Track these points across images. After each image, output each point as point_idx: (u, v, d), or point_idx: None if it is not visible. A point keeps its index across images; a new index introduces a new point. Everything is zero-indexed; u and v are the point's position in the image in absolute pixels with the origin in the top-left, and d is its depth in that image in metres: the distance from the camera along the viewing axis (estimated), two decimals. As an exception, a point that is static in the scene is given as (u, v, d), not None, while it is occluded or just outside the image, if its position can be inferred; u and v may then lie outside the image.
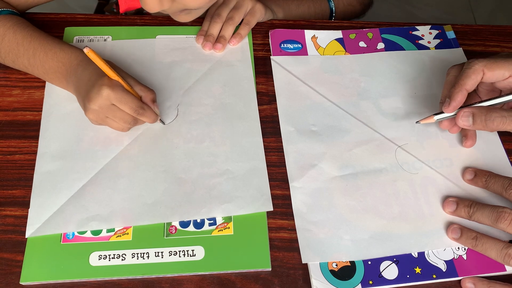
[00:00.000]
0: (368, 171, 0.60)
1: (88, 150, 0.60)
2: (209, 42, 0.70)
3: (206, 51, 0.70)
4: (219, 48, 0.70)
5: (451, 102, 0.56)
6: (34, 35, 0.63)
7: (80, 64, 0.61)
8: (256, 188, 0.58)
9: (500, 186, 0.56)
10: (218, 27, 0.70)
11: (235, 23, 0.70)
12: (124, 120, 0.59)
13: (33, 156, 0.60)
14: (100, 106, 0.57)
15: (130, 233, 0.55)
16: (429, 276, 0.53)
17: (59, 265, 0.53)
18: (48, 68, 0.63)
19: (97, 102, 0.56)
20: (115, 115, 0.58)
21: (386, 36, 0.73)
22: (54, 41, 0.63)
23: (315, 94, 0.66)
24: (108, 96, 0.56)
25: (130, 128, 0.61)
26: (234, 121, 0.64)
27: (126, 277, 0.53)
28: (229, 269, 0.53)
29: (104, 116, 0.58)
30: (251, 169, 0.60)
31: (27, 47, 0.63)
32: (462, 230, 0.55)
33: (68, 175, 0.58)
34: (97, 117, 0.58)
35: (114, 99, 0.56)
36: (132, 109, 0.58)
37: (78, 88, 0.60)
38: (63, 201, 0.56)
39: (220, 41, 0.70)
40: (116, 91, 0.56)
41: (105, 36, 0.71)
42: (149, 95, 0.60)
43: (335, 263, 0.53)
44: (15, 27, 0.64)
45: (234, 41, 0.70)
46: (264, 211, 0.57)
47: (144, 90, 0.60)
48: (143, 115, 0.59)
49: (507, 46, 0.73)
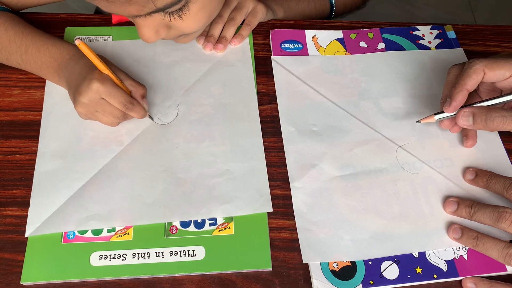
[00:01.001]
0: (369, 171, 0.60)
1: (88, 149, 0.60)
2: (210, 43, 0.69)
3: (207, 51, 0.70)
4: (220, 49, 0.70)
5: (452, 102, 0.56)
6: (25, 32, 0.63)
7: (72, 59, 0.61)
8: (255, 189, 0.58)
9: (501, 186, 0.56)
10: (219, 28, 0.70)
11: (236, 24, 0.70)
12: (113, 114, 0.59)
13: (33, 156, 0.60)
14: (89, 100, 0.57)
15: (131, 233, 0.55)
16: (430, 276, 0.53)
17: (60, 265, 0.53)
18: (41, 63, 0.63)
19: (86, 96, 0.57)
20: (105, 109, 0.58)
21: (386, 36, 0.73)
22: (46, 37, 0.63)
23: (315, 94, 0.66)
24: (98, 90, 0.56)
25: (119, 123, 0.61)
26: (234, 121, 0.64)
27: (127, 277, 0.53)
28: (230, 269, 0.53)
29: (93, 109, 0.58)
30: (250, 169, 0.60)
31: (19, 44, 0.63)
32: (463, 230, 0.55)
33: (68, 174, 0.58)
34: (86, 110, 0.58)
35: (103, 93, 0.57)
36: (121, 103, 0.58)
37: (69, 82, 0.61)
38: (63, 201, 0.56)
39: (222, 41, 0.70)
40: (106, 85, 0.57)
41: (105, 36, 0.71)
42: (139, 90, 0.60)
43: (336, 263, 0.53)
44: (6, 24, 0.64)
45: (235, 41, 0.70)
46: (265, 219, 0.57)
47: (134, 85, 0.60)
48: (132, 110, 0.59)
49: (508, 46, 0.73)
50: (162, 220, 0.56)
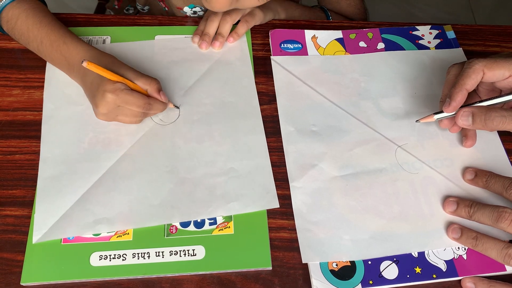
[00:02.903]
0: (368, 171, 0.60)
1: (91, 153, 0.60)
2: (205, 42, 0.69)
3: (203, 50, 0.70)
4: (217, 46, 0.70)
5: (451, 102, 0.56)
6: (44, 22, 0.64)
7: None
8: (261, 186, 0.58)
9: (501, 186, 0.56)
10: (214, 26, 0.70)
11: (232, 21, 0.70)
12: (134, 115, 0.60)
13: (33, 156, 0.60)
14: (108, 110, 0.59)
15: (131, 233, 0.55)
16: (429, 276, 0.53)
17: (60, 266, 0.53)
18: (54, 58, 0.64)
19: (104, 108, 0.58)
20: (125, 113, 0.60)
21: (386, 36, 0.73)
22: (60, 32, 0.64)
23: (315, 94, 0.66)
24: (114, 101, 0.58)
25: (142, 119, 0.62)
26: (236, 119, 0.64)
27: (127, 277, 0.53)
28: (230, 268, 0.53)
29: (114, 115, 0.60)
30: (255, 167, 0.60)
31: (36, 34, 0.64)
32: (462, 230, 0.55)
33: (72, 179, 0.58)
34: (107, 118, 0.60)
35: (120, 102, 0.58)
36: (139, 107, 0.59)
37: (84, 88, 0.62)
38: (69, 206, 0.56)
39: (218, 38, 0.70)
40: (120, 95, 0.57)
41: (104, 37, 0.71)
42: (153, 86, 0.61)
43: (335, 263, 0.53)
44: (28, 11, 0.64)
45: (231, 39, 0.70)
46: (265, 210, 0.57)
47: (147, 83, 0.60)
48: (151, 109, 0.60)
49: (507, 46, 0.73)
50: (171, 221, 0.56)
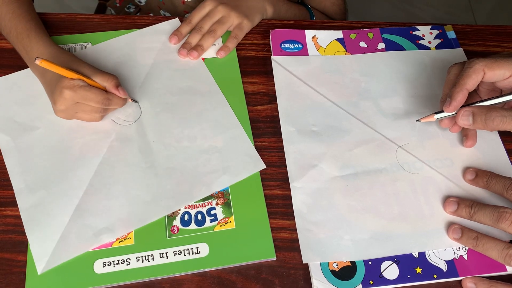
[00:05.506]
0: (369, 171, 0.60)
1: (66, 172, 0.59)
2: (185, 49, 0.69)
3: (181, 58, 0.69)
4: (195, 56, 0.69)
5: (452, 101, 0.56)
6: (16, 13, 0.65)
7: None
8: (242, 153, 0.60)
9: (501, 187, 0.56)
10: (197, 38, 0.70)
11: (216, 37, 0.70)
12: (93, 111, 0.60)
13: (33, 156, 0.60)
14: (66, 107, 0.59)
15: (132, 237, 0.55)
16: (430, 276, 0.53)
17: (64, 276, 0.52)
18: (18, 50, 0.65)
19: (62, 104, 0.58)
20: (84, 109, 0.60)
21: (386, 36, 0.73)
22: (27, 25, 0.64)
23: (315, 94, 0.66)
24: (72, 98, 0.58)
25: (103, 116, 0.62)
26: (198, 100, 0.65)
27: (133, 282, 0.52)
28: (235, 262, 0.53)
29: (73, 112, 0.60)
30: (231, 137, 0.62)
31: (7, 23, 0.65)
32: (462, 230, 0.55)
33: (56, 201, 0.57)
34: (66, 115, 0.60)
35: (78, 99, 0.58)
36: (98, 103, 0.59)
37: (43, 84, 0.62)
38: (63, 227, 0.55)
39: (197, 49, 0.69)
40: (78, 91, 0.57)
41: (84, 43, 0.70)
42: (111, 82, 0.60)
43: (336, 263, 0.53)
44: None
45: (221, 53, 0.69)
46: (265, 209, 0.57)
47: (105, 79, 0.60)
48: (110, 105, 0.60)
49: (508, 46, 0.73)
50: (169, 211, 0.56)
